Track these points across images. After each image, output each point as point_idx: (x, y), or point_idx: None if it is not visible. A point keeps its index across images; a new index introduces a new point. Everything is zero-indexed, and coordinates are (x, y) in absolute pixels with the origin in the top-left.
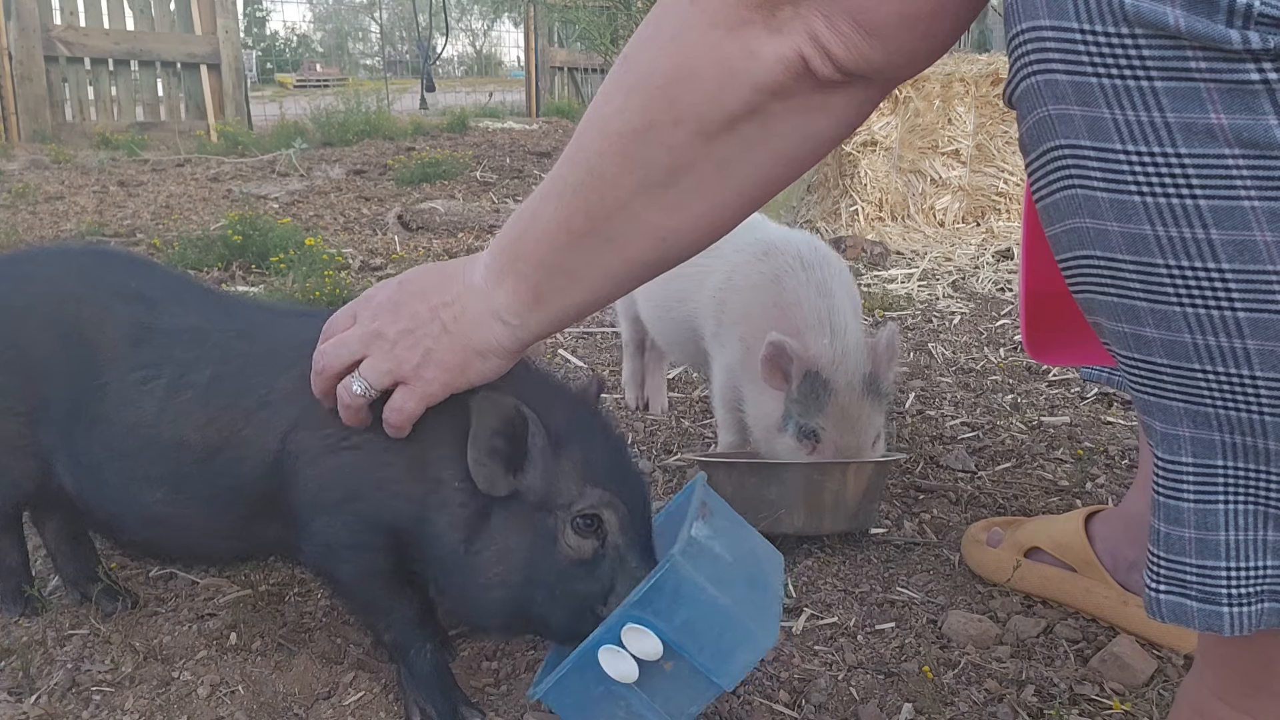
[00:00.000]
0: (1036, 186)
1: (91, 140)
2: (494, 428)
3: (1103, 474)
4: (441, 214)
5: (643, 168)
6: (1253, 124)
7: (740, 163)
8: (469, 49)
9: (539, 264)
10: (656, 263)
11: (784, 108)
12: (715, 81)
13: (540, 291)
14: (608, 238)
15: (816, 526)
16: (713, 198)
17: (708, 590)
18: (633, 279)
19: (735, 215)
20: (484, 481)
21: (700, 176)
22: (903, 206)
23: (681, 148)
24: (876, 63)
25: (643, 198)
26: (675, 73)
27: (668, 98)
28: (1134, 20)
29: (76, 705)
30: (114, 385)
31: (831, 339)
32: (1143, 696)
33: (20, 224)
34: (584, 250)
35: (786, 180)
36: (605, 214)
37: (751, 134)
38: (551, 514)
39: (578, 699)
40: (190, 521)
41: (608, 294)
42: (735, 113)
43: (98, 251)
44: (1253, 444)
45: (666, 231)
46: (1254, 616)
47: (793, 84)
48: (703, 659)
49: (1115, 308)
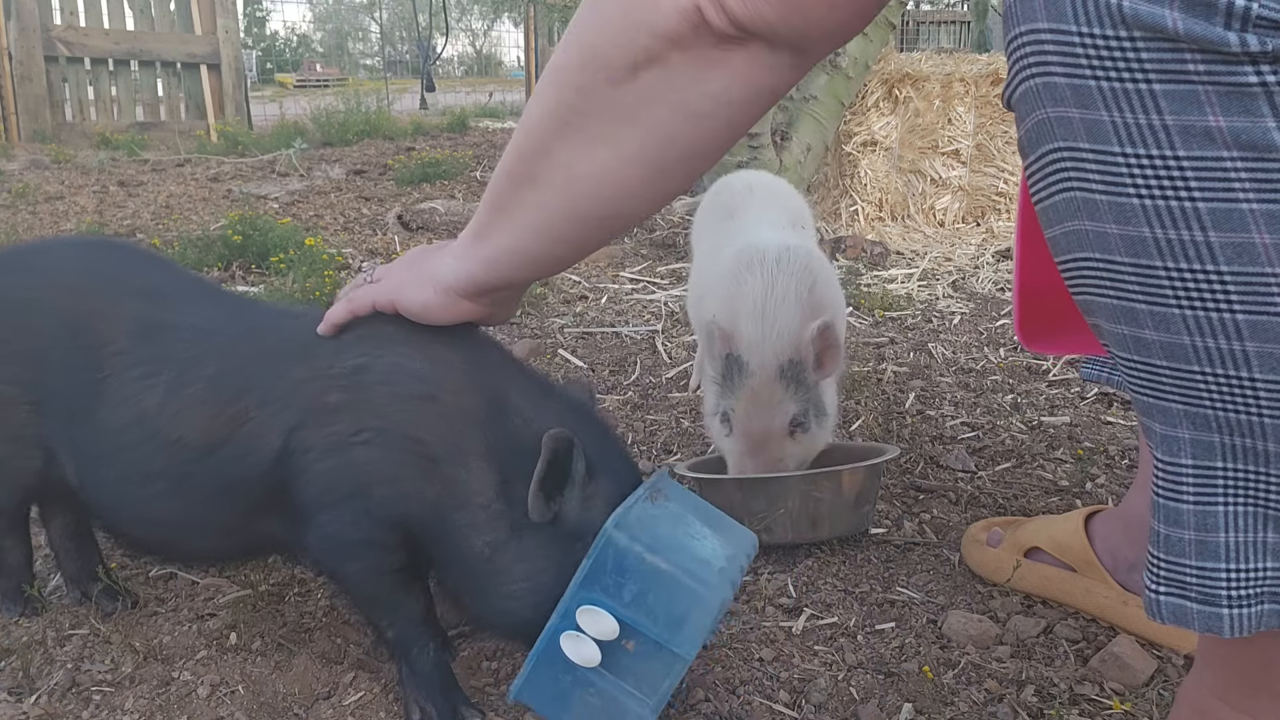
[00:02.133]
0: (1035, 189)
1: (91, 140)
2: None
3: (1103, 474)
4: (441, 214)
5: (558, 110)
6: (1251, 126)
7: (643, 112)
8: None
9: (486, 203)
10: (567, 211)
11: (683, 59)
12: (620, 27)
13: (481, 229)
14: (529, 178)
15: (811, 535)
16: (616, 145)
17: (646, 559)
18: (548, 226)
19: (642, 169)
20: (537, 512)
21: (605, 122)
22: (903, 206)
23: (589, 91)
24: (772, 21)
25: (556, 141)
26: (592, 20)
27: (583, 44)
28: (1132, 23)
29: (76, 705)
30: (117, 378)
31: (760, 323)
32: (1143, 696)
33: (20, 224)
34: (514, 190)
35: (697, 138)
36: (530, 154)
37: (653, 83)
38: (584, 541)
39: (550, 692)
40: (191, 517)
41: (529, 239)
42: (636, 59)
43: (104, 243)
44: (1252, 446)
45: (573, 178)
46: (1253, 618)
47: (690, 34)
48: (658, 630)
49: (1114, 310)
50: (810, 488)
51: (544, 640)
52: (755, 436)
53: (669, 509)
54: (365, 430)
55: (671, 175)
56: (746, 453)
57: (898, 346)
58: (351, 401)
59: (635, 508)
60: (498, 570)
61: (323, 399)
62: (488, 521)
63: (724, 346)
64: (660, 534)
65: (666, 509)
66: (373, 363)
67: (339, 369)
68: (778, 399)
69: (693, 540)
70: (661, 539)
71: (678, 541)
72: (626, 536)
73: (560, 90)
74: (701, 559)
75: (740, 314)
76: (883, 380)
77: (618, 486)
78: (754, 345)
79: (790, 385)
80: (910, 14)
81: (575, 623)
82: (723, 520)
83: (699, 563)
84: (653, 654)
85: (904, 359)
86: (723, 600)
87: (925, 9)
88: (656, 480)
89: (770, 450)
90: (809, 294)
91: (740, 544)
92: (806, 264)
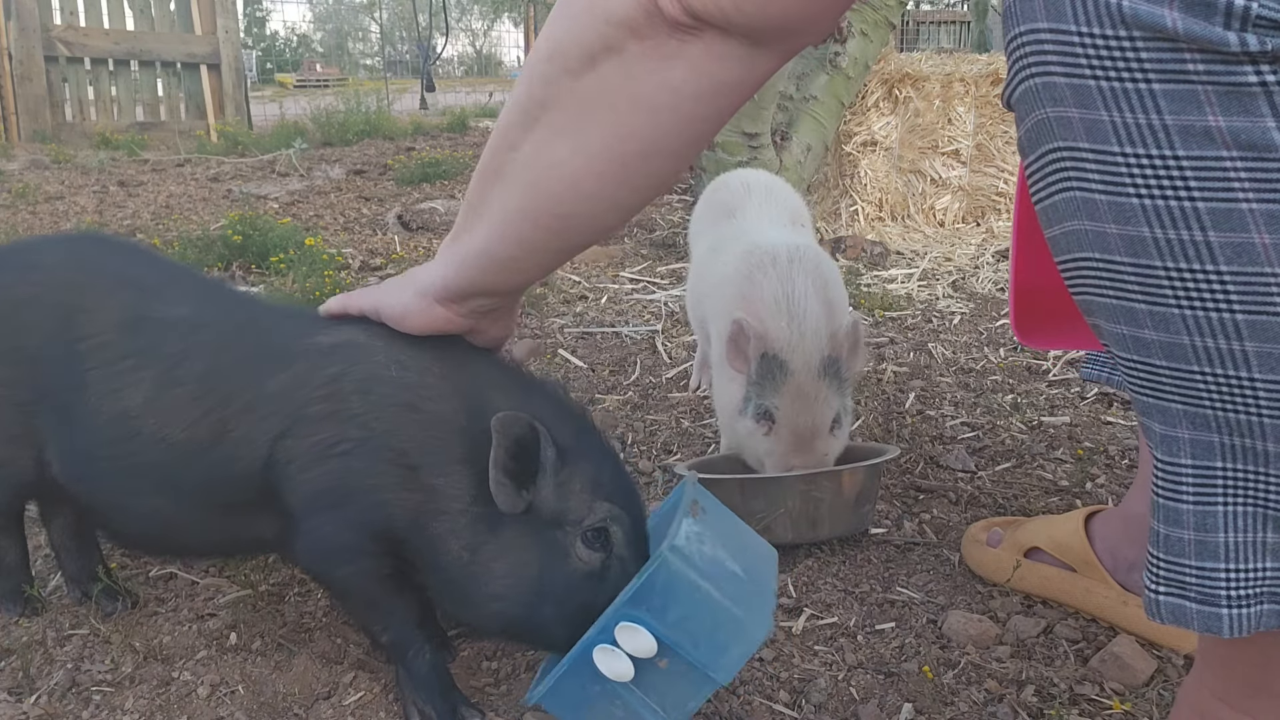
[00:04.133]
0: (1035, 189)
1: (91, 140)
2: (509, 446)
3: (1103, 474)
4: (441, 214)
5: (523, 102)
6: (1250, 126)
7: (602, 104)
8: (469, 49)
9: (464, 204)
10: (526, 210)
11: (640, 49)
12: (578, 16)
13: (457, 231)
14: (497, 174)
15: (811, 535)
16: (577, 138)
17: (700, 585)
18: (509, 225)
19: (599, 166)
20: (504, 501)
21: (565, 113)
22: (903, 206)
23: (551, 81)
24: (726, 8)
25: (521, 134)
26: (558, 12)
27: (548, 35)
28: (1132, 23)
29: (76, 705)
30: (105, 371)
31: (789, 322)
32: (1143, 696)
33: (20, 224)
34: (484, 187)
35: (654, 135)
36: (497, 149)
37: (611, 74)
38: (562, 529)
39: (574, 701)
40: (182, 515)
41: (493, 240)
42: (594, 48)
43: (98, 239)
44: (1251, 446)
45: (533, 173)
46: (1253, 618)
47: (645, 22)
48: (698, 654)
49: (1114, 310)
50: (810, 488)
51: (578, 650)
52: (803, 434)
53: (709, 524)
54: (345, 441)
55: (632, 174)
56: (792, 451)
57: (898, 346)
58: (332, 412)
59: (684, 528)
60: (480, 571)
61: (305, 409)
62: (467, 525)
63: (760, 346)
64: (709, 556)
65: (708, 524)
66: (352, 370)
67: (320, 378)
68: (823, 396)
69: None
70: (711, 563)
71: (726, 569)
72: (680, 560)
73: (529, 84)
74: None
75: (765, 314)
76: (883, 380)
77: (596, 474)
78: (791, 344)
79: (831, 381)
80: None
81: (613, 637)
82: (750, 535)
83: (748, 596)
84: (684, 675)
85: (904, 359)
86: (767, 633)
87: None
88: (691, 491)
89: (817, 446)
90: (825, 292)
91: (770, 563)
92: (817, 263)
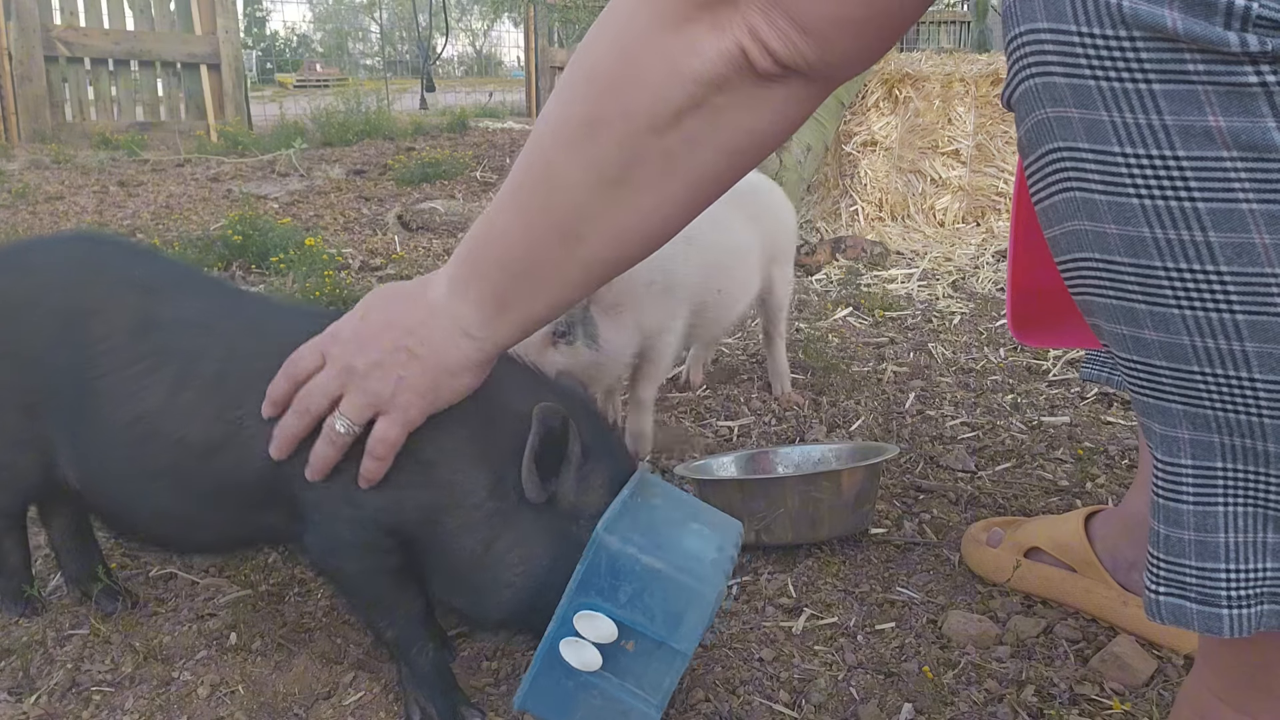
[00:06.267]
0: (1035, 189)
1: (91, 140)
2: (544, 435)
3: (1103, 474)
4: (441, 214)
5: (596, 164)
6: (1250, 126)
7: (687, 156)
8: (469, 49)
9: (502, 269)
10: (615, 260)
11: (726, 101)
12: (661, 77)
13: (504, 298)
14: (564, 236)
15: (811, 535)
16: (662, 191)
17: (640, 559)
18: (592, 278)
19: (685, 210)
20: (532, 490)
21: (650, 171)
22: (903, 206)
23: (631, 143)
24: (812, 59)
25: (596, 194)
26: (624, 70)
27: (617, 94)
28: (1131, 23)
29: (76, 705)
30: (116, 377)
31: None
32: (1143, 696)
33: (20, 224)
34: (543, 251)
35: (733, 175)
36: (562, 213)
37: (696, 128)
38: (577, 523)
39: (554, 698)
40: (193, 513)
41: (569, 296)
42: (680, 106)
43: (101, 240)
44: (1252, 446)
45: (620, 228)
46: (1253, 618)
47: (734, 77)
48: (655, 628)
49: (1114, 310)
50: (809, 488)
51: (544, 647)
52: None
53: (655, 505)
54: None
55: (699, 210)
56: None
57: (898, 346)
58: None
59: (623, 508)
60: (494, 563)
61: None
62: (482, 520)
63: None
64: (650, 532)
65: (652, 506)
66: None
67: None
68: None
69: (682, 535)
70: (652, 537)
71: (668, 538)
72: (618, 539)
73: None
74: (693, 553)
75: None
76: (883, 380)
77: (614, 472)
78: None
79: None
80: None
81: (574, 629)
82: (708, 511)
83: (691, 558)
84: (653, 653)
85: (904, 359)
86: (718, 592)
87: None
88: (640, 477)
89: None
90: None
91: (728, 533)
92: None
